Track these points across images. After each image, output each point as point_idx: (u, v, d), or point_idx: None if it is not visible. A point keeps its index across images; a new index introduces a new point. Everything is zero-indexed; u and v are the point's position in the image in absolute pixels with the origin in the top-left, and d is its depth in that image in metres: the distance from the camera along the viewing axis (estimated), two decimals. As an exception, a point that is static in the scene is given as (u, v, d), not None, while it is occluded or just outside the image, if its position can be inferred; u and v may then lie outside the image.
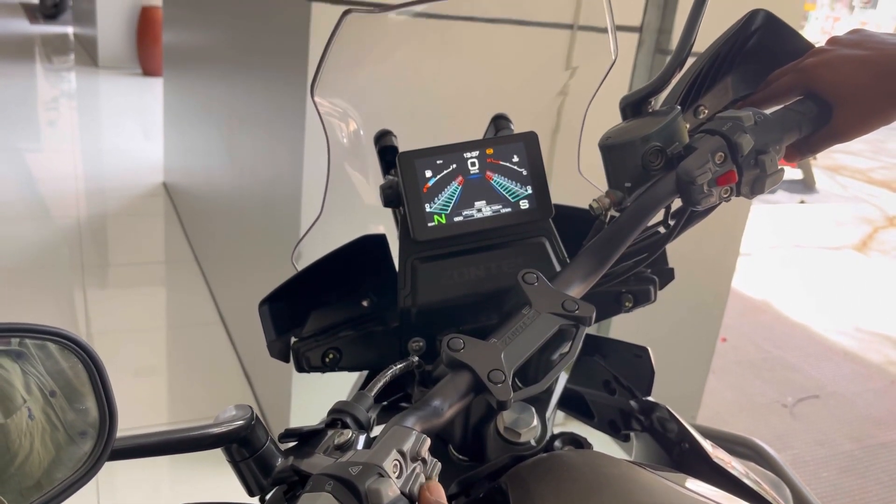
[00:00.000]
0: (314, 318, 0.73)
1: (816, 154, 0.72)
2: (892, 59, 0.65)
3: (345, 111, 0.77)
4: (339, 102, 0.76)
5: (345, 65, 0.71)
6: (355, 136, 0.80)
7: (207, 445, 0.50)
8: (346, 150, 0.79)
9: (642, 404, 0.78)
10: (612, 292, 0.79)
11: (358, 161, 0.83)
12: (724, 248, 2.33)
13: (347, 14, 0.67)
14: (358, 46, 0.71)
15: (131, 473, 1.85)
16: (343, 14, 0.67)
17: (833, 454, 2.69)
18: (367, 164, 0.83)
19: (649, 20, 2.02)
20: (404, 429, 0.48)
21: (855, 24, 18.47)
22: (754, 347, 3.49)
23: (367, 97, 0.80)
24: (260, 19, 2.32)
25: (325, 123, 0.74)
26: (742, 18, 0.77)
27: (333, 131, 0.76)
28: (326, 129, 0.75)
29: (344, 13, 0.67)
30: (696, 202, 0.65)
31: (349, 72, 0.74)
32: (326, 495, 0.42)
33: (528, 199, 0.70)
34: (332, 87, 0.72)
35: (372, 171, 0.83)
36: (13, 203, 4.11)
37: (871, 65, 0.65)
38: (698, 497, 0.56)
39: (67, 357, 0.45)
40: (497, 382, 0.53)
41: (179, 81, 3.99)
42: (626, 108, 0.72)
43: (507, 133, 0.80)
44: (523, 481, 0.59)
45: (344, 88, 0.75)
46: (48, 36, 9.48)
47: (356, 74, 0.77)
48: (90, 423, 0.49)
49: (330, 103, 0.74)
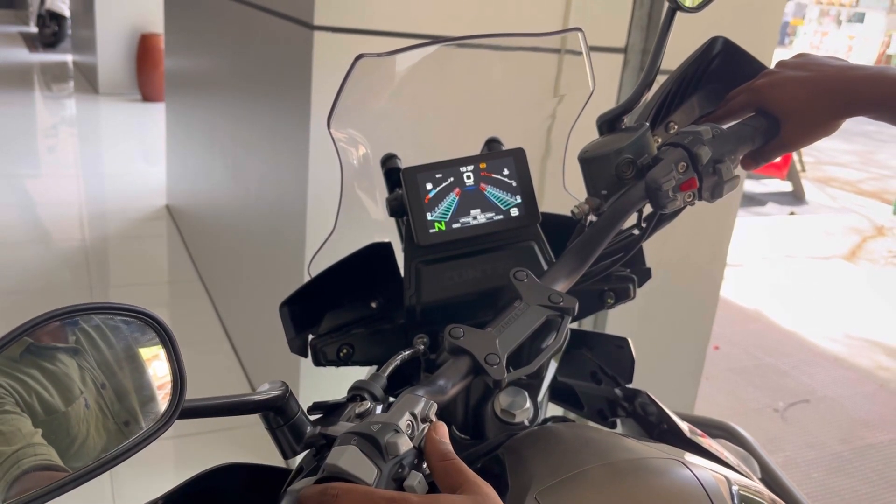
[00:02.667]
0: (329, 318, 0.82)
1: (769, 162, 0.81)
2: (830, 79, 0.74)
3: (355, 138, 0.86)
4: (351, 131, 0.85)
5: (357, 100, 0.81)
6: (365, 159, 0.89)
7: (251, 410, 0.59)
8: (356, 172, 0.89)
9: (626, 391, 0.86)
10: (596, 290, 0.87)
11: (366, 181, 0.92)
12: (712, 257, 2.41)
13: (360, 58, 0.77)
14: (368, 83, 0.81)
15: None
16: (356, 59, 0.77)
17: (823, 456, 2.76)
18: (375, 183, 0.92)
19: (633, 41, 2.12)
20: (415, 396, 0.56)
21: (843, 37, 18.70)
22: (746, 355, 3.58)
23: (376, 125, 0.89)
24: (263, 46, 2.41)
25: (339, 150, 0.84)
26: (703, 45, 0.86)
27: (346, 156, 0.85)
28: (340, 155, 0.84)
29: (357, 58, 0.77)
30: (663, 206, 0.73)
31: (361, 105, 0.84)
32: (353, 447, 0.50)
33: (517, 208, 0.79)
34: (346, 118, 0.81)
35: (378, 190, 0.92)
36: (20, 228, 4.18)
37: (811, 84, 0.75)
38: (671, 458, 0.64)
39: (146, 331, 0.53)
40: (493, 364, 0.61)
41: (182, 106, 4.08)
42: (602, 125, 0.81)
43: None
44: (517, 450, 0.67)
45: (356, 119, 0.84)
46: (48, 64, 9.58)
47: (366, 107, 0.87)
48: (130, 412, 0.57)
49: (343, 134, 0.83)
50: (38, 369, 0.53)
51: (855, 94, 0.73)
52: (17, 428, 0.51)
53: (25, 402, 0.52)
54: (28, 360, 0.53)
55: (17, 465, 0.50)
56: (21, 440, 0.50)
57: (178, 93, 4.14)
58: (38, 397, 0.53)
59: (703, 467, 0.61)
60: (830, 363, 3.59)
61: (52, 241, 4.05)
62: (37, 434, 0.51)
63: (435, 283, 0.77)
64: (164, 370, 0.56)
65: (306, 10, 1.84)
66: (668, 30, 0.80)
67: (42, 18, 10.39)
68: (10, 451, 0.50)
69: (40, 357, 0.53)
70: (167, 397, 0.55)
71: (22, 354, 0.52)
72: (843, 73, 0.74)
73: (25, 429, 0.51)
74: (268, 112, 2.38)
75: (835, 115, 0.75)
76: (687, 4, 0.79)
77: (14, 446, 0.50)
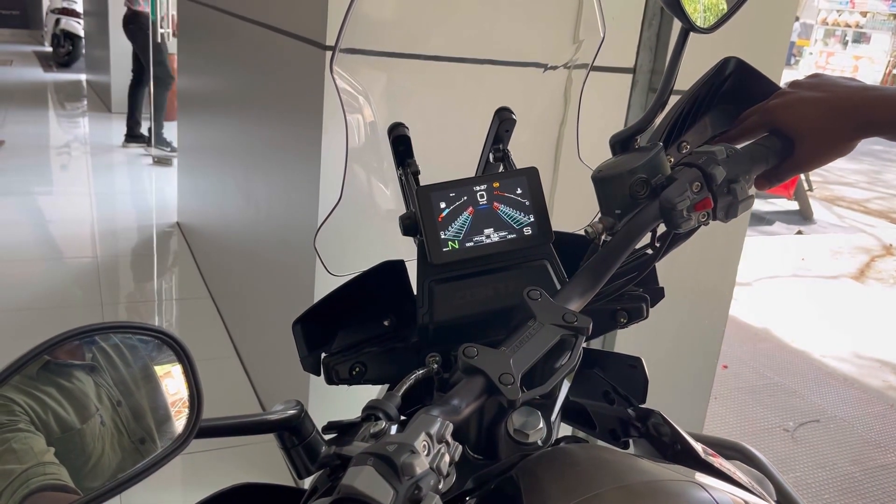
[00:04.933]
0: (341, 336, 0.82)
1: (782, 182, 0.81)
2: (844, 100, 0.75)
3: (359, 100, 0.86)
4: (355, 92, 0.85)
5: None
6: (372, 128, 0.89)
7: (268, 429, 0.59)
8: (363, 143, 0.88)
9: (638, 411, 0.85)
10: (608, 310, 0.87)
11: (373, 152, 0.92)
12: (721, 276, 2.41)
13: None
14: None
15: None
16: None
17: (834, 476, 2.74)
18: (382, 154, 0.91)
19: (642, 62, 2.13)
20: (431, 416, 0.56)
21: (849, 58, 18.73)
22: (755, 374, 3.55)
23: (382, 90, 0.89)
24: (275, 66, 2.43)
25: (346, 112, 0.83)
26: (716, 65, 0.87)
27: (352, 121, 0.85)
28: (346, 114, 0.84)
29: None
30: (677, 226, 0.74)
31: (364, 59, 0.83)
32: (369, 468, 0.50)
33: (530, 227, 0.79)
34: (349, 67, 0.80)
35: (387, 161, 0.92)
36: (33, 245, 4.21)
37: (824, 105, 0.75)
38: (687, 479, 0.63)
39: (162, 350, 0.54)
40: (507, 384, 0.61)
41: (193, 124, 4.12)
42: (616, 145, 0.82)
43: (509, 123, 0.90)
44: (531, 471, 0.67)
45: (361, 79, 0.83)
46: (61, 83, 9.70)
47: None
48: (146, 430, 0.57)
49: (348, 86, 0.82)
50: (54, 386, 0.53)
51: (870, 115, 0.73)
52: (30, 446, 0.51)
53: (41, 420, 0.52)
54: (45, 378, 0.53)
55: (25, 484, 0.49)
56: (32, 459, 0.50)
57: (191, 112, 4.18)
58: (54, 414, 0.53)
59: (720, 490, 0.61)
60: (840, 383, 3.56)
61: (64, 259, 4.07)
62: (49, 453, 0.51)
63: (448, 301, 0.77)
64: (180, 389, 0.56)
65: (318, 30, 1.86)
66: (682, 50, 0.81)
67: (57, 38, 10.53)
68: (20, 469, 0.50)
69: (57, 374, 0.54)
70: (183, 416, 0.55)
71: (39, 371, 0.53)
72: (857, 93, 0.74)
73: (38, 447, 0.51)
74: (279, 131, 2.41)
75: (849, 136, 0.75)
76: (700, 25, 0.80)
77: (24, 465, 0.50)
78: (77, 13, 10.47)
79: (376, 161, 0.93)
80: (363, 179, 0.95)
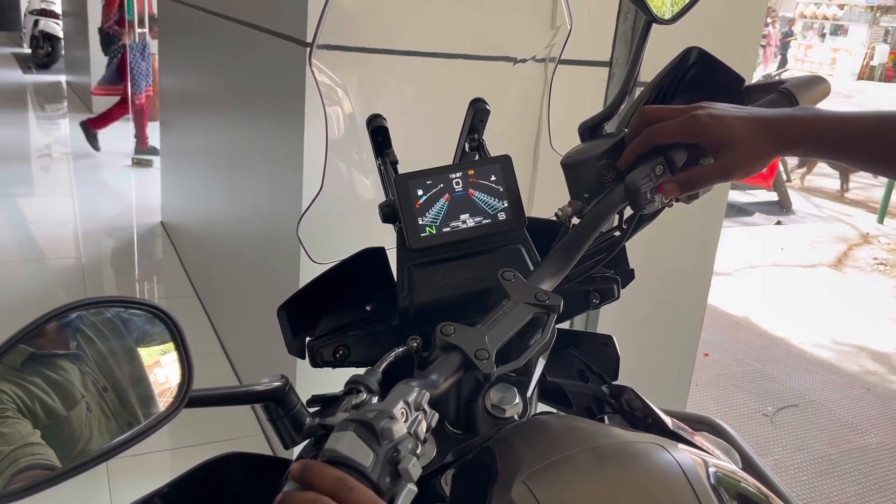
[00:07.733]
0: (325, 321, 0.84)
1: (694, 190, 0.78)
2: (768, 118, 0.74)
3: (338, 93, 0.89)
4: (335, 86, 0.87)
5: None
6: (350, 119, 0.92)
7: (254, 399, 0.62)
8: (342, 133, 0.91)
9: (612, 388, 0.89)
10: (582, 291, 0.90)
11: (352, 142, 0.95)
12: (699, 263, 2.45)
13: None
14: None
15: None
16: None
17: (811, 459, 2.80)
18: (362, 144, 0.94)
19: (618, 55, 2.17)
20: (409, 386, 0.60)
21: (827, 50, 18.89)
22: (735, 361, 3.62)
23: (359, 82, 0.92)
24: (257, 64, 2.45)
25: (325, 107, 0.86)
26: (679, 55, 0.90)
27: (331, 114, 0.87)
28: (326, 108, 0.86)
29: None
30: (641, 207, 0.77)
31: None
32: (350, 433, 0.54)
33: (504, 212, 0.82)
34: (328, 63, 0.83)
35: (367, 152, 0.94)
36: (16, 247, 4.19)
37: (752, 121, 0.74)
38: (652, 443, 0.67)
39: (154, 324, 0.57)
40: (482, 359, 0.64)
41: (177, 124, 4.12)
42: (584, 132, 0.86)
43: (483, 113, 0.94)
44: (506, 440, 0.71)
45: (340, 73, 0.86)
46: (41, 84, 9.61)
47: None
48: (133, 414, 0.60)
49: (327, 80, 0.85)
50: (40, 376, 0.55)
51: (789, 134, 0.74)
52: (17, 430, 0.53)
53: (28, 408, 0.54)
54: (30, 368, 0.55)
55: (14, 463, 0.52)
56: (20, 441, 0.53)
57: (173, 111, 4.18)
58: (41, 402, 0.55)
59: (681, 450, 0.65)
60: (818, 368, 3.64)
61: (47, 260, 4.07)
62: (35, 435, 0.54)
63: (427, 284, 0.80)
64: (166, 373, 0.58)
65: (299, 27, 1.88)
66: (645, 42, 0.84)
67: (36, 39, 10.42)
68: (7, 450, 0.52)
69: (42, 365, 0.56)
70: (168, 400, 0.57)
71: (24, 363, 0.55)
72: (779, 114, 0.75)
73: (24, 430, 0.53)
74: (262, 127, 2.42)
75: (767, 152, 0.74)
76: (662, 17, 0.84)
77: (12, 446, 0.52)
78: (56, 14, 10.35)
79: (356, 152, 0.96)
80: (344, 170, 0.98)
